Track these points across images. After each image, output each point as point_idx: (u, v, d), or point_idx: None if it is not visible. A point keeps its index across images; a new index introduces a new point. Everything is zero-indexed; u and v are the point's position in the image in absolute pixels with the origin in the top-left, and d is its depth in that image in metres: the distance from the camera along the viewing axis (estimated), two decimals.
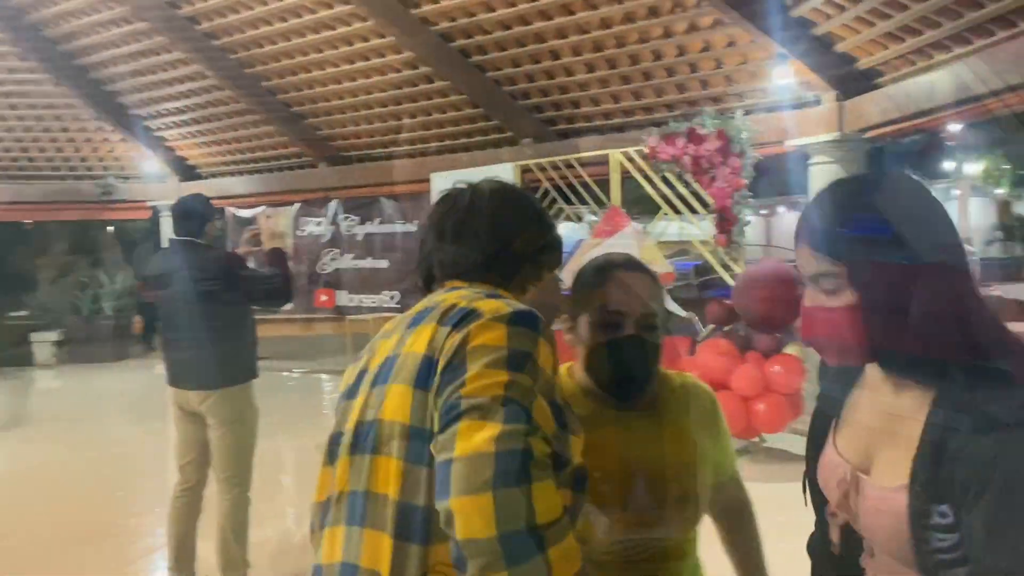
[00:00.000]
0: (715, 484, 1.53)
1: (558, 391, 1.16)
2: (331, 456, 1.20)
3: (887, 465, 1.08)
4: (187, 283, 3.76)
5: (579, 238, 8.12)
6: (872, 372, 1.17)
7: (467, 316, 1.13)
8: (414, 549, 1.05)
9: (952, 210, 27.72)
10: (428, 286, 1.35)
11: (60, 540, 4.74)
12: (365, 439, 1.13)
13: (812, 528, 1.34)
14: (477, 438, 1.00)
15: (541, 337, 1.13)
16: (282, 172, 11.51)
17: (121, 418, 8.82)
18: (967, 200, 24.98)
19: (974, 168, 25.01)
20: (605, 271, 1.48)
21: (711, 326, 6.58)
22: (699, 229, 7.31)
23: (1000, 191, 26.07)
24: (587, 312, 1.44)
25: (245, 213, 11.33)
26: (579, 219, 8.81)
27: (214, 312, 3.75)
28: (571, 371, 1.52)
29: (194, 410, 3.78)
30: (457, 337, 1.10)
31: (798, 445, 6.51)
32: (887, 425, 1.10)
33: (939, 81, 5.94)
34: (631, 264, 1.51)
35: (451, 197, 1.36)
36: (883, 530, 1.08)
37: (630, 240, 7.26)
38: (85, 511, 5.33)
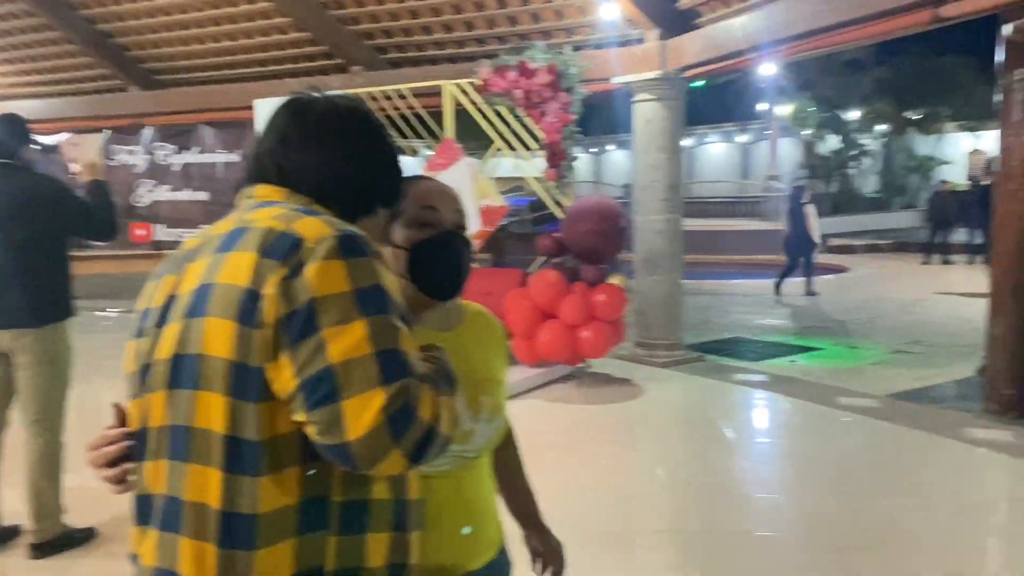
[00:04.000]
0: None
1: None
2: (143, 388, 1.14)
3: None
4: (1, 212, 3.44)
5: (415, 172, 8.04)
6: None
7: (293, 248, 1.06)
8: (247, 481, 1.04)
9: (764, 150, 29.68)
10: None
11: None
12: (185, 373, 1.08)
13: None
14: (366, 416, 0.98)
15: (372, 257, 1.09)
16: (88, 96, 10.59)
17: None
18: (776, 140, 26.71)
19: (783, 110, 26.76)
20: (409, 182, 1.47)
21: (542, 258, 6.76)
22: (532, 166, 7.42)
23: (806, 132, 28.11)
24: (400, 219, 1.43)
25: (47, 140, 10.36)
26: (414, 152, 8.72)
27: (30, 244, 3.47)
28: None
29: (0, 351, 3.51)
30: (287, 275, 1.04)
31: (621, 370, 6.89)
32: None
33: (753, 23, 6.26)
34: (425, 175, 1.55)
35: (303, 102, 1.27)
36: None
37: (465, 174, 7.28)
38: None
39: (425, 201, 1.44)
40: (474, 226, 7.18)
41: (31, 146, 3.66)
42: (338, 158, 1.24)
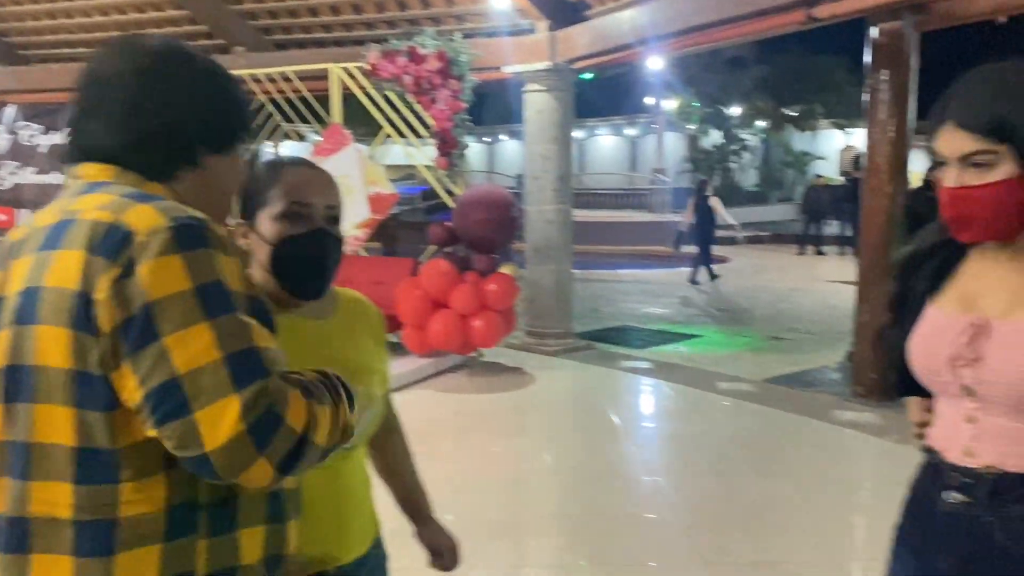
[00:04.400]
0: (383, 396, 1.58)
1: (252, 286, 1.05)
2: None
3: None
4: None
5: (292, 156, 7.83)
6: (982, 253, 1.37)
7: (123, 243, 0.95)
8: (105, 490, 0.97)
9: (651, 143, 30.39)
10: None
11: None
12: (21, 386, 0.99)
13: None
14: (223, 426, 0.91)
15: (213, 248, 0.99)
16: None
17: None
18: (663, 134, 27.45)
19: (669, 105, 27.51)
20: (282, 166, 1.43)
21: (433, 247, 6.71)
22: (423, 154, 7.34)
23: (691, 126, 29.00)
24: (270, 207, 1.37)
25: None
26: (301, 137, 8.50)
27: None
28: None
29: None
30: (119, 275, 0.94)
31: (512, 358, 6.93)
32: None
33: (639, 17, 6.39)
34: (304, 160, 1.48)
35: (96, 58, 1.15)
36: (1015, 368, 1.27)
37: (353, 160, 7.14)
38: None
39: (296, 196, 1.37)
40: (363, 214, 7.07)
41: None
42: (131, 114, 1.09)
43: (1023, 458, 1.31)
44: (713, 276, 12.18)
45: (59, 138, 9.46)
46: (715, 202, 12.31)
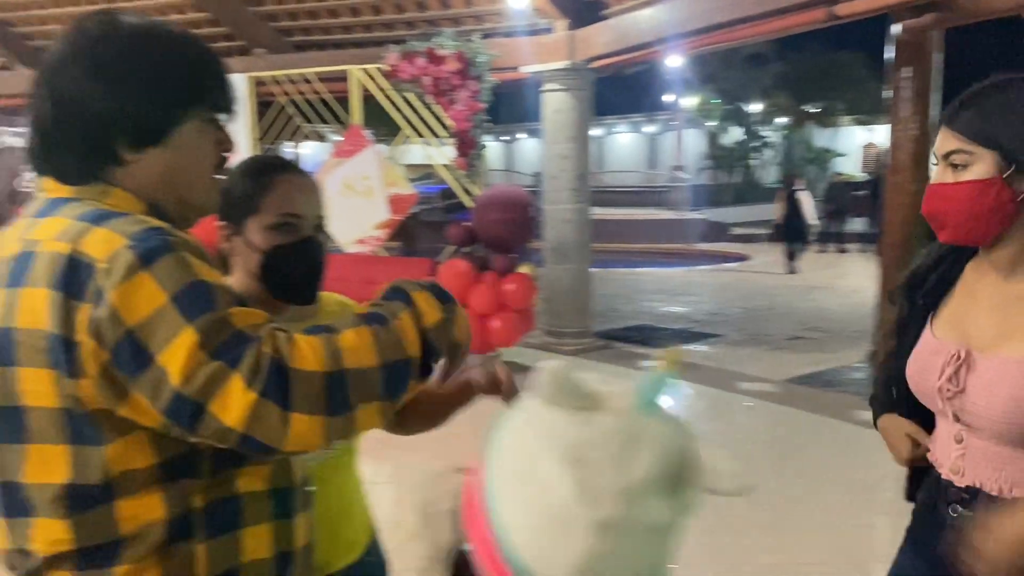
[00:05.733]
0: None
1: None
2: None
3: (1012, 340, 1.31)
4: None
5: (323, 159, 7.89)
6: (976, 267, 1.41)
7: (87, 276, 0.92)
8: (101, 513, 0.98)
9: (671, 140, 30.26)
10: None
11: None
12: (9, 427, 0.98)
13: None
14: (235, 405, 0.89)
15: (179, 250, 0.94)
16: None
17: None
18: (682, 132, 27.34)
19: (689, 102, 27.40)
20: (271, 172, 1.41)
21: (452, 247, 6.73)
22: (441, 153, 7.36)
23: (711, 123, 28.87)
24: (260, 217, 1.37)
25: None
26: (321, 138, 8.55)
27: None
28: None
29: None
30: (92, 312, 0.91)
31: (531, 358, 6.94)
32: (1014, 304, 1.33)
33: (658, 16, 6.37)
34: (292, 165, 1.47)
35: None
36: (998, 402, 1.29)
37: (372, 161, 7.18)
38: None
39: (288, 208, 1.38)
40: (382, 214, 7.10)
41: None
42: (33, 108, 1.03)
43: (1002, 483, 1.35)
44: (792, 270, 12.51)
45: None
46: (804, 196, 12.63)
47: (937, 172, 1.37)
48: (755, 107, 28.37)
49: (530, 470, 0.80)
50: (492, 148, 28.16)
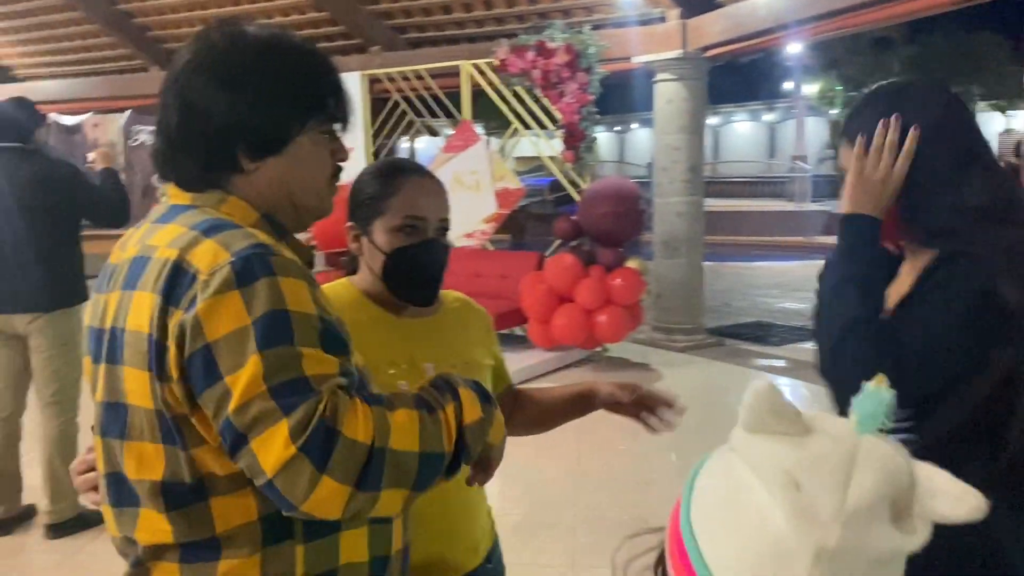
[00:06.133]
0: (497, 395, 1.55)
1: (328, 307, 1.03)
2: (94, 428, 1.12)
3: None
4: (14, 195, 3.46)
5: (435, 153, 8.02)
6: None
7: (188, 285, 0.95)
8: (196, 510, 1.02)
9: (791, 129, 29.26)
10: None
11: None
12: (115, 422, 1.04)
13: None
14: (274, 452, 0.90)
15: (277, 274, 0.96)
16: (110, 76, 10.61)
17: None
18: (803, 120, 26.35)
19: (810, 89, 26.37)
20: (399, 175, 1.43)
21: (558, 241, 6.71)
22: (550, 146, 7.35)
23: (833, 111, 27.70)
24: (387, 218, 1.40)
25: (68, 120, 10.43)
26: (434, 133, 8.68)
27: (44, 229, 3.50)
28: (350, 283, 1.49)
29: (15, 333, 3.55)
30: (182, 319, 0.94)
31: (638, 354, 6.84)
32: None
33: (777, 2, 6.13)
34: (419, 168, 1.49)
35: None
36: None
37: (482, 156, 7.24)
38: None
39: (413, 210, 1.40)
40: (490, 208, 7.15)
41: (41, 128, 3.67)
42: (182, 121, 1.05)
43: None
44: None
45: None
46: None
47: None
48: None
49: (740, 503, 0.76)
50: (603, 139, 27.97)
